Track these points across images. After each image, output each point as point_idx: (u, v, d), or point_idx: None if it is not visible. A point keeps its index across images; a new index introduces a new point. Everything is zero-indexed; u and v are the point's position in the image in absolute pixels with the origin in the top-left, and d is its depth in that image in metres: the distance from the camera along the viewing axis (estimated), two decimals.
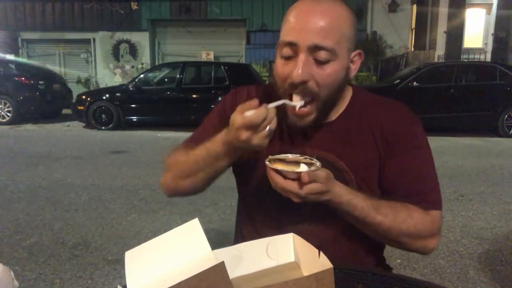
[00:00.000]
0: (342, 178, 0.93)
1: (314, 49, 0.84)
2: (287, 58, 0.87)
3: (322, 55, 0.84)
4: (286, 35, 0.87)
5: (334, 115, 0.98)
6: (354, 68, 0.94)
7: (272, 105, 0.81)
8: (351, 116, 0.97)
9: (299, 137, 0.98)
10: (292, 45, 0.85)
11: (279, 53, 0.90)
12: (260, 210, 1.04)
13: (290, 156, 0.83)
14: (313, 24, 0.84)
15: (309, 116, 0.91)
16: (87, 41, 13.40)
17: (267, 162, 0.82)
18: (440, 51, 11.68)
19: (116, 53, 13.36)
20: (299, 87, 0.86)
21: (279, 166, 0.80)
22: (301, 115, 0.90)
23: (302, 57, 0.85)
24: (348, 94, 1.00)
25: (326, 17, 0.85)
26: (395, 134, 0.95)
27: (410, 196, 0.93)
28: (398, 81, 8.35)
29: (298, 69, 0.84)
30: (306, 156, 0.83)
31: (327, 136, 0.96)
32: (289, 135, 0.99)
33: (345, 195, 0.86)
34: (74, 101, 9.48)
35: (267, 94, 1.01)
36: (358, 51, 0.93)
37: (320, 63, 0.85)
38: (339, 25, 0.86)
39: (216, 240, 2.88)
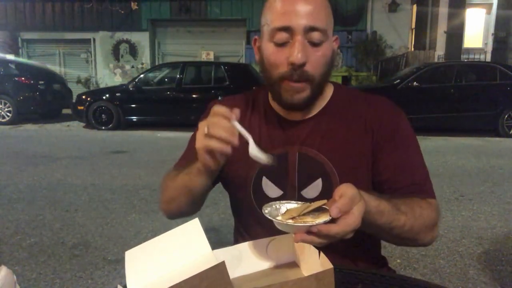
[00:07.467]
0: (323, 171, 0.93)
1: (309, 31, 0.84)
2: (281, 45, 0.86)
3: (316, 36, 0.85)
4: (277, 21, 0.86)
5: (315, 110, 0.97)
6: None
7: (238, 125, 0.75)
8: (332, 111, 0.97)
9: (279, 136, 0.97)
10: (286, 30, 0.85)
11: (269, 40, 0.88)
12: (248, 217, 1.04)
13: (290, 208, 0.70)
14: (303, 7, 0.84)
15: (303, 92, 0.89)
16: (87, 41, 13.40)
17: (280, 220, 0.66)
18: (440, 51, 11.69)
19: (116, 53, 13.37)
20: (298, 70, 0.85)
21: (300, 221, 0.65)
22: (297, 88, 0.88)
23: (299, 39, 0.84)
24: (329, 90, 1.00)
25: (311, 0, 0.86)
26: (381, 126, 0.94)
27: (407, 187, 0.92)
28: (398, 81, 8.34)
29: (298, 52, 0.84)
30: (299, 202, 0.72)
31: (307, 132, 0.96)
32: (268, 134, 0.98)
33: (371, 201, 0.75)
34: (74, 101, 9.48)
35: (247, 103, 1.03)
36: (335, 36, 0.94)
37: (314, 44, 0.86)
38: (325, 6, 0.88)
39: (216, 240, 2.88)
